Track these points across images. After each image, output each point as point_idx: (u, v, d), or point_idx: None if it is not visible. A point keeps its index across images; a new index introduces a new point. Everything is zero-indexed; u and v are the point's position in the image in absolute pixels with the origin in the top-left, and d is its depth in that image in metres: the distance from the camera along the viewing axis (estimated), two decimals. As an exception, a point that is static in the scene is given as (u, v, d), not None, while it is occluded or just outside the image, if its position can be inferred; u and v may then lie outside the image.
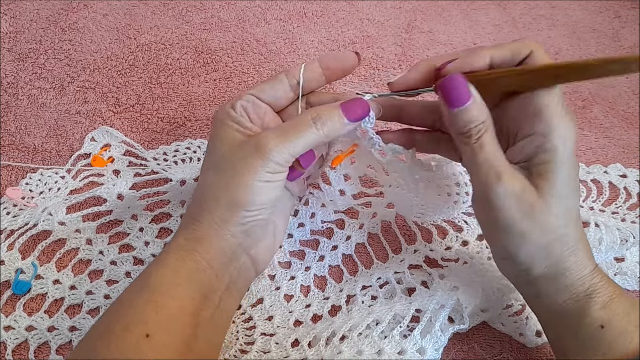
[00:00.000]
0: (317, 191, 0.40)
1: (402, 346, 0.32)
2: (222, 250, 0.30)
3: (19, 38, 0.54)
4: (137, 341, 0.26)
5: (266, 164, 0.28)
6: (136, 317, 0.27)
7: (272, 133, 0.29)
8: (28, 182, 0.43)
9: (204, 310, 0.29)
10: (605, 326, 0.28)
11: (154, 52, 0.53)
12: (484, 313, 0.36)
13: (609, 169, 0.46)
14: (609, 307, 0.28)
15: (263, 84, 0.32)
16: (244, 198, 0.29)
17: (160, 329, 0.26)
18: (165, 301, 0.27)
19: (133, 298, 0.28)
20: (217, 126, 0.31)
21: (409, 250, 0.41)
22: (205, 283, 0.29)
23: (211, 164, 0.31)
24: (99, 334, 0.27)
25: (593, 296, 0.28)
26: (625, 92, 0.52)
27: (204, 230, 0.29)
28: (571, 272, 0.29)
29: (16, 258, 0.39)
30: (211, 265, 0.29)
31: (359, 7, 0.58)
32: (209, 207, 0.30)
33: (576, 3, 0.60)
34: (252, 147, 0.29)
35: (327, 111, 0.30)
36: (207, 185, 0.30)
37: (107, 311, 0.29)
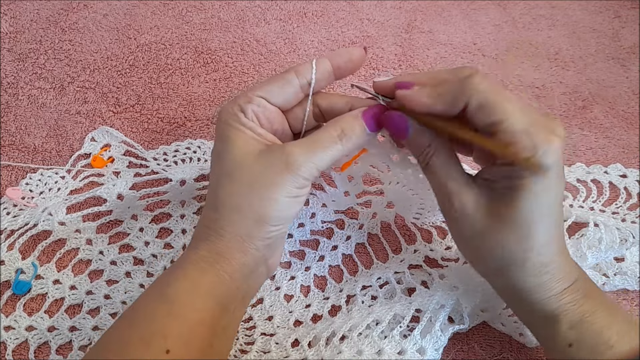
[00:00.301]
0: (320, 192, 0.40)
1: (402, 346, 0.32)
2: (246, 264, 0.29)
3: (19, 38, 0.54)
4: (155, 356, 0.25)
5: (296, 180, 0.28)
6: (156, 330, 0.26)
7: (299, 148, 0.28)
8: (28, 182, 0.43)
9: (221, 321, 0.28)
10: (574, 345, 0.28)
11: (154, 52, 0.53)
12: (484, 313, 0.36)
13: (609, 169, 0.46)
14: (578, 327, 0.28)
15: (272, 85, 0.30)
16: (271, 214, 0.28)
17: (179, 343, 0.26)
18: (186, 314, 0.27)
19: (151, 308, 0.27)
20: (227, 130, 0.30)
21: (408, 250, 0.41)
22: (225, 295, 0.29)
23: (226, 172, 0.29)
24: (113, 344, 0.27)
25: (560, 317, 0.28)
26: (625, 92, 0.52)
27: (226, 243, 0.29)
28: (533, 293, 0.28)
29: (16, 258, 0.39)
30: (233, 278, 0.29)
31: (359, 7, 0.58)
32: (232, 220, 0.29)
33: (576, 3, 0.60)
34: (279, 162, 0.28)
35: (350, 125, 0.29)
36: (225, 195, 0.29)
37: (120, 320, 0.28)
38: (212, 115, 0.49)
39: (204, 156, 0.46)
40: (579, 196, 0.44)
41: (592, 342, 0.27)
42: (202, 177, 0.42)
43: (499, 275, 0.29)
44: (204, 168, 0.42)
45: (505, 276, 0.29)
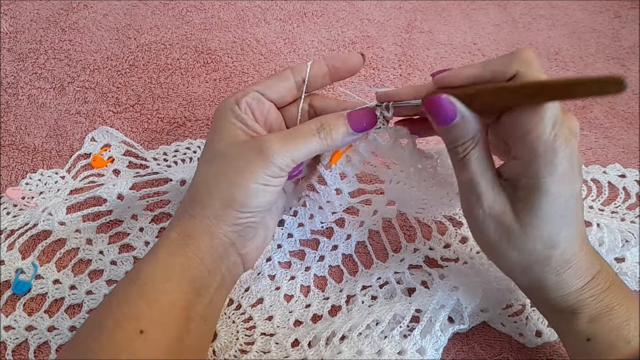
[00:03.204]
0: (313, 193, 0.39)
1: (402, 346, 0.32)
2: (214, 248, 0.30)
3: (19, 38, 0.54)
4: (130, 337, 0.26)
5: (267, 167, 0.28)
6: (129, 312, 0.27)
7: (276, 137, 0.29)
8: (28, 182, 0.43)
9: (196, 306, 0.29)
10: (592, 339, 0.28)
11: (154, 52, 0.53)
12: (484, 313, 0.36)
13: (608, 169, 0.46)
14: (597, 322, 0.28)
15: (268, 81, 0.31)
16: (239, 198, 0.29)
17: (153, 324, 0.26)
18: (157, 295, 0.27)
19: (124, 293, 0.28)
20: (220, 121, 0.31)
21: (408, 248, 0.41)
22: (197, 279, 0.29)
23: (208, 158, 0.30)
24: (91, 330, 0.27)
25: (579, 312, 0.28)
26: (626, 92, 0.52)
27: (196, 225, 0.29)
28: (553, 290, 0.29)
29: (16, 258, 0.39)
30: (203, 261, 0.29)
31: (359, 7, 0.58)
32: (203, 201, 0.29)
33: (576, 3, 0.60)
34: (254, 149, 0.29)
35: (332, 122, 0.30)
36: (202, 179, 0.30)
37: (98, 307, 0.29)
38: (212, 115, 0.49)
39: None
40: (579, 196, 0.44)
41: (610, 337, 0.27)
42: (202, 177, 0.42)
43: (523, 273, 0.29)
44: (204, 168, 0.42)
45: (528, 274, 0.29)
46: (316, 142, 0.29)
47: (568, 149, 0.25)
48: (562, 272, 0.28)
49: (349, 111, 0.31)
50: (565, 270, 0.28)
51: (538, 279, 0.29)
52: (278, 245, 0.40)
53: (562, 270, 0.28)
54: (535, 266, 0.28)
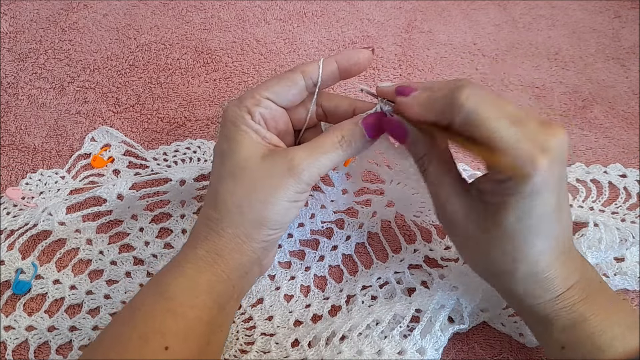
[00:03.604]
0: (318, 193, 0.40)
1: (402, 346, 0.32)
2: (242, 264, 0.30)
3: (19, 38, 0.54)
4: (154, 353, 0.25)
5: (298, 184, 0.28)
6: (154, 327, 0.26)
7: (303, 153, 0.29)
8: (28, 182, 0.43)
9: (217, 318, 0.29)
10: (566, 348, 0.28)
11: (154, 52, 0.53)
12: (484, 313, 0.36)
13: (609, 169, 0.46)
14: (570, 332, 0.28)
15: (278, 86, 0.30)
16: (271, 217, 0.29)
17: (178, 340, 0.26)
18: (184, 311, 0.27)
19: (149, 306, 0.28)
20: (233, 131, 0.30)
21: (408, 249, 0.41)
22: (222, 294, 0.29)
23: (229, 172, 0.29)
24: (114, 342, 0.27)
25: (553, 322, 0.28)
26: (625, 92, 0.52)
27: (225, 243, 0.29)
28: (523, 299, 0.28)
29: (16, 258, 0.39)
30: (230, 277, 0.29)
31: (359, 7, 0.58)
32: (233, 220, 0.29)
33: (576, 3, 0.60)
34: (283, 166, 0.28)
35: (351, 132, 0.30)
36: (228, 195, 0.29)
37: (118, 318, 0.28)
38: (212, 115, 0.49)
39: (204, 156, 0.46)
40: (579, 196, 0.44)
41: (584, 346, 0.27)
42: (202, 177, 0.42)
43: (493, 279, 0.30)
44: (204, 168, 0.42)
45: (497, 282, 0.30)
46: (340, 154, 0.30)
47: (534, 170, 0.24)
48: (529, 284, 0.28)
49: (364, 117, 0.30)
50: (535, 282, 0.27)
51: (506, 288, 0.29)
52: (278, 245, 0.40)
53: (530, 282, 0.28)
54: (502, 276, 0.28)
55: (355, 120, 0.30)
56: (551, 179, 0.24)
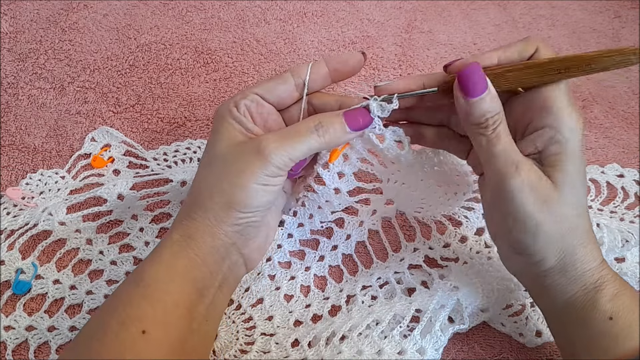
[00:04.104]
0: (312, 194, 0.39)
1: (402, 346, 0.32)
2: (216, 248, 0.30)
3: (19, 38, 0.54)
4: (133, 338, 0.26)
5: (266, 167, 0.28)
6: (132, 313, 0.27)
7: (273, 136, 0.29)
8: (28, 182, 0.43)
9: (198, 306, 0.29)
10: (614, 318, 0.28)
11: (154, 52, 0.53)
12: (484, 313, 0.36)
13: (606, 169, 0.46)
14: (617, 300, 0.28)
15: (268, 83, 0.31)
16: (239, 199, 0.29)
17: (156, 325, 0.26)
18: (161, 296, 0.27)
19: (128, 293, 0.28)
20: (218, 123, 0.31)
21: (408, 248, 0.41)
22: (199, 279, 0.29)
23: (208, 161, 0.31)
24: (94, 330, 0.27)
25: (602, 288, 0.29)
26: (625, 92, 0.52)
27: (197, 227, 0.30)
28: (582, 263, 0.29)
29: (16, 258, 0.39)
30: (205, 262, 0.29)
31: (359, 7, 0.58)
32: (204, 204, 0.30)
33: (576, 3, 0.60)
34: (252, 149, 0.29)
35: (329, 119, 0.30)
36: (202, 182, 0.30)
37: (101, 308, 0.29)
38: (212, 115, 0.49)
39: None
40: (579, 196, 0.44)
41: (630, 314, 0.28)
42: (202, 177, 0.42)
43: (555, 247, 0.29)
44: (204, 168, 0.42)
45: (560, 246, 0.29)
46: (314, 140, 0.29)
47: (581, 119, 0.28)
48: (587, 244, 0.29)
49: (346, 110, 0.31)
50: (589, 242, 0.29)
51: (570, 250, 0.29)
52: (278, 245, 0.40)
53: (586, 242, 0.29)
54: (567, 236, 0.29)
55: (337, 112, 0.31)
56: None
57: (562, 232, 0.29)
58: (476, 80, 0.28)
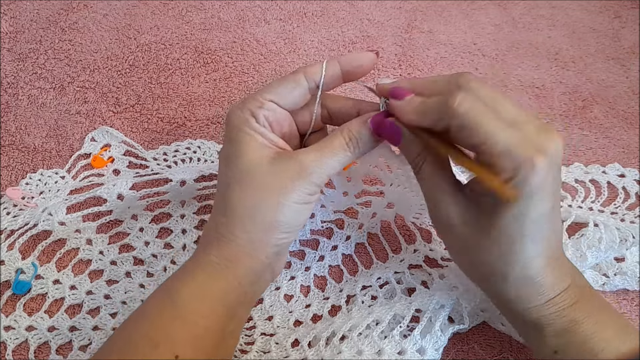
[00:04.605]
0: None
1: (402, 346, 0.32)
2: (254, 270, 0.29)
3: (19, 38, 0.54)
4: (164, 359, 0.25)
5: (308, 186, 0.28)
6: (164, 335, 0.26)
7: (312, 155, 0.29)
8: (28, 182, 0.43)
9: (229, 326, 0.28)
10: (559, 352, 0.28)
11: (154, 52, 0.53)
12: (484, 313, 0.36)
13: (607, 169, 0.46)
14: (563, 337, 0.28)
15: (282, 88, 0.30)
16: (283, 220, 0.28)
17: (189, 349, 0.26)
18: (195, 319, 0.27)
19: (159, 312, 0.27)
20: (238, 134, 0.29)
21: (408, 249, 0.41)
22: (233, 301, 0.29)
23: (237, 177, 0.29)
24: (123, 348, 0.27)
25: (544, 326, 0.28)
26: (625, 92, 0.52)
27: (236, 248, 0.29)
28: (514, 303, 0.28)
29: (16, 258, 0.39)
30: (241, 284, 0.29)
31: (359, 7, 0.58)
32: (244, 226, 0.28)
33: (576, 3, 0.60)
34: (292, 168, 0.28)
35: (358, 131, 0.30)
36: (237, 201, 0.29)
37: (129, 322, 0.28)
38: (212, 115, 0.49)
39: (204, 156, 0.46)
40: (578, 196, 0.44)
41: (577, 349, 0.27)
42: (203, 177, 0.42)
43: (484, 283, 0.30)
44: (204, 168, 0.42)
45: (489, 285, 0.29)
46: (348, 155, 0.29)
47: (533, 171, 0.24)
48: (521, 288, 0.27)
49: (371, 116, 0.30)
50: (526, 286, 0.27)
51: (498, 292, 0.29)
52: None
53: (521, 286, 0.27)
54: (494, 279, 0.28)
55: (362, 120, 0.30)
56: (548, 181, 0.25)
57: (484, 275, 0.29)
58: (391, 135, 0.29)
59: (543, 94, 0.51)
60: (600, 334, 0.27)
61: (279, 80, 0.30)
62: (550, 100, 0.51)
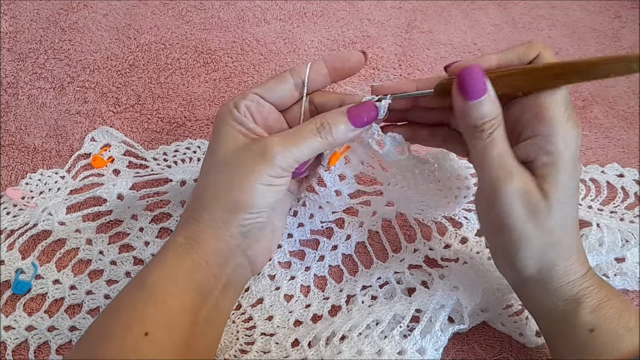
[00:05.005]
0: (313, 194, 0.39)
1: (402, 346, 0.32)
2: (220, 250, 0.30)
3: (19, 38, 0.54)
4: (136, 340, 0.26)
5: (270, 168, 0.29)
6: (135, 315, 0.27)
7: (278, 138, 0.29)
8: (28, 182, 0.43)
9: (202, 309, 0.29)
10: (595, 330, 0.28)
11: (154, 52, 0.53)
12: (484, 313, 0.36)
13: (606, 169, 0.46)
14: (599, 311, 0.28)
15: (268, 83, 0.31)
16: (245, 200, 0.29)
17: (159, 327, 0.26)
18: (164, 299, 0.28)
19: (131, 296, 0.28)
20: (220, 125, 0.31)
21: (408, 249, 0.41)
22: (203, 282, 0.29)
23: (212, 164, 0.31)
24: (98, 333, 0.27)
25: (582, 301, 0.29)
26: (625, 92, 0.52)
27: (202, 229, 0.30)
28: (561, 276, 0.29)
29: (16, 258, 0.39)
30: (209, 265, 0.29)
31: (359, 7, 0.58)
32: (209, 206, 0.30)
33: (576, 3, 0.60)
34: (256, 151, 0.29)
35: (333, 118, 0.30)
36: (207, 184, 0.30)
37: (105, 310, 0.29)
38: (212, 115, 0.49)
39: (204, 156, 0.45)
40: (579, 196, 0.44)
41: (612, 325, 0.28)
42: (202, 177, 0.42)
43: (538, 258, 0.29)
44: (204, 168, 0.42)
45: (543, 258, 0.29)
46: (317, 141, 0.29)
47: (577, 129, 0.27)
48: (569, 257, 0.29)
49: (349, 107, 0.30)
50: (572, 254, 0.29)
51: (550, 263, 0.29)
52: (278, 245, 0.40)
53: (569, 255, 0.29)
54: (549, 250, 0.28)
55: (340, 110, 0.30)
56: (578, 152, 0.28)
57: (544, 245, 0.28)
58: (476, 83, 0.27)
59: (543, 94, 0.51)
60: (630, 310, 0.28)
61: (267, 78, 0.32)
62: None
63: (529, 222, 0.28)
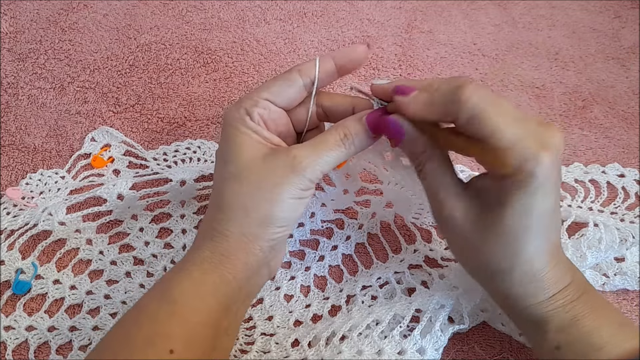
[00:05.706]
0: (319, 192, 0.40)
1: (402, 346, 0.32)
2: (249, 264, 0.29)
3: (19, 38, 0.54)
4: (160, 356, 0.25)
5: (301, 181, 0.28)
6: (160, 330, 0.26)
7: (305, 151, 0.29)
8: (28, 182, 0.43)
9: (223, 321, 0.28)
10: (561, 348, 0.28)
11: (154, 52, 0.53)
12: (484, 313, 0.36)
13: (607, 169, 0.46)
14: (565, 331, 0.28)
15: (276, 86, 0.30)
16: (276, 214, 0.29)
17: (183, 344, 0.26)
18: (190, 315, 0.27)
19: (153, 308, 0.28)
20: (232, 133, 0.30)
21: (408, 250, 0.41)
22: (228, 296, 0.29)
23: (233, 174, 0.29)
24: (120, 345, 0.27)
25: (547, 322, 0.28)
26: (625, 92, 0.52)
27: (231, 244, 0.29)
28: (519, 300, 0.29)
29: (16, 258, 0.39)
30: (236, 278, 0.29)
31: (359, 7, 0.58)
32: (238, 220, 0.29)
33: (576, 3, 0.60)
34: (285, 163, 0.28)
35: (354, 128, 0.30)
36: (229, 196, 0.29)
37: (123, 318, 0.28)
38: (212, 115, 0.49)
39: (204, 156, 0.46)
40: (578, 196, 0.44)
41: (580, 344, 0.27)
42: (202, 177, 0.42)
43: (488, 281, 0.30)
44: (204, 168, 0.42)
45: (493, 282, 0.29)
46: (342, 151, 0.29)
47: (538, 165, 0.25)
48: (526, 284, 0.28)
49: (367, 114, 0.30)
50: (530, 282, 0.28)
51: (502, 289, 0.29)
52: (278, 245, 0.40)
53: (526, 282, 0.28)
54: (497, 276, 0.28)
55: (358, 117, 0.30)
56: (552, 176, 0.25)
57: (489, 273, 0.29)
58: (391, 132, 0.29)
59: (543, 94, 0.51)
60: (602, 330, 0.27)
61: (273, 79, 0.31)
62: (550, 100, 0.51)
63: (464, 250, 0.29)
